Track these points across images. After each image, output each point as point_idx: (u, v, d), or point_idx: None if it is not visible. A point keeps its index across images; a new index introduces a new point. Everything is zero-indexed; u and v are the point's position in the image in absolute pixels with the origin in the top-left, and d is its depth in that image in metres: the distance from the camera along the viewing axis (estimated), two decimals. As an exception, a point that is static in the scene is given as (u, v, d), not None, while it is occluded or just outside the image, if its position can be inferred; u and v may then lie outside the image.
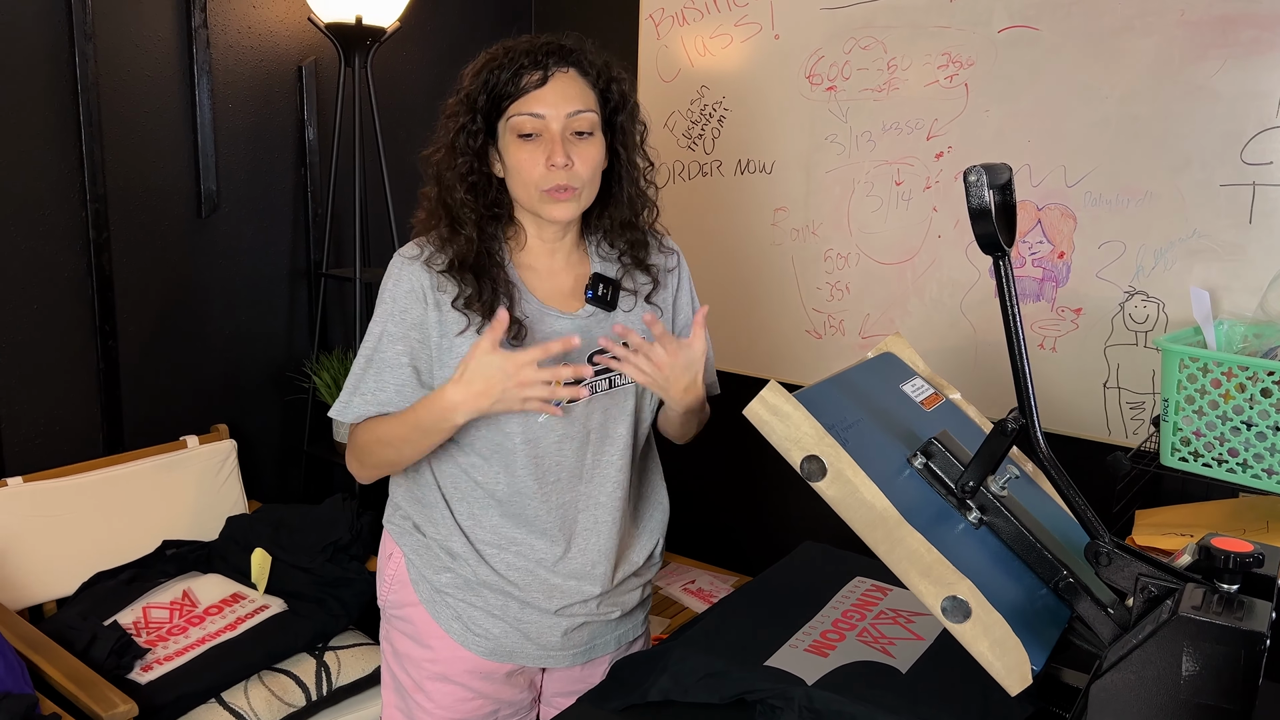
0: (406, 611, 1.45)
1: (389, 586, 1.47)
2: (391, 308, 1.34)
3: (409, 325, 1.33)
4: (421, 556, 1.43)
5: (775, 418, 1.15)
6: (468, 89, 1.34)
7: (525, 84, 1.30)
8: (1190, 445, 1.76)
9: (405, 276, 1.34)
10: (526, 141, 1.31)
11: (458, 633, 1.42)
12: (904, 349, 1.50)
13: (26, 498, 2.13)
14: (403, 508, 1.46)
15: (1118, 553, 1.11)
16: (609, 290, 1.40)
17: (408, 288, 1.33)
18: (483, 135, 1.34)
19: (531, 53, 1.31)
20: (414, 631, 1.44)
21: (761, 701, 1.21)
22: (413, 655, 1.45)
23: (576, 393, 1.32)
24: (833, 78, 2.54)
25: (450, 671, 1.43)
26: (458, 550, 1.40)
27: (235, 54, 2.48)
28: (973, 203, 1.07)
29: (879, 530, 1.11)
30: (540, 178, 1.31)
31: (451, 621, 1.42)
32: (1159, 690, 0.97)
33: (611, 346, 1.32)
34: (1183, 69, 2.06)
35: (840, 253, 2.60)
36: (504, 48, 1.33)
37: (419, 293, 1.33)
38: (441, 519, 1.41)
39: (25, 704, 1.63)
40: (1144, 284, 2.17)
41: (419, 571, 1.43)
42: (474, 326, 1.33)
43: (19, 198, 2.15)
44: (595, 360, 1.38)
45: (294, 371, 2.71)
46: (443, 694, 1.44)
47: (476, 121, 1.33)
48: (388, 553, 1.48)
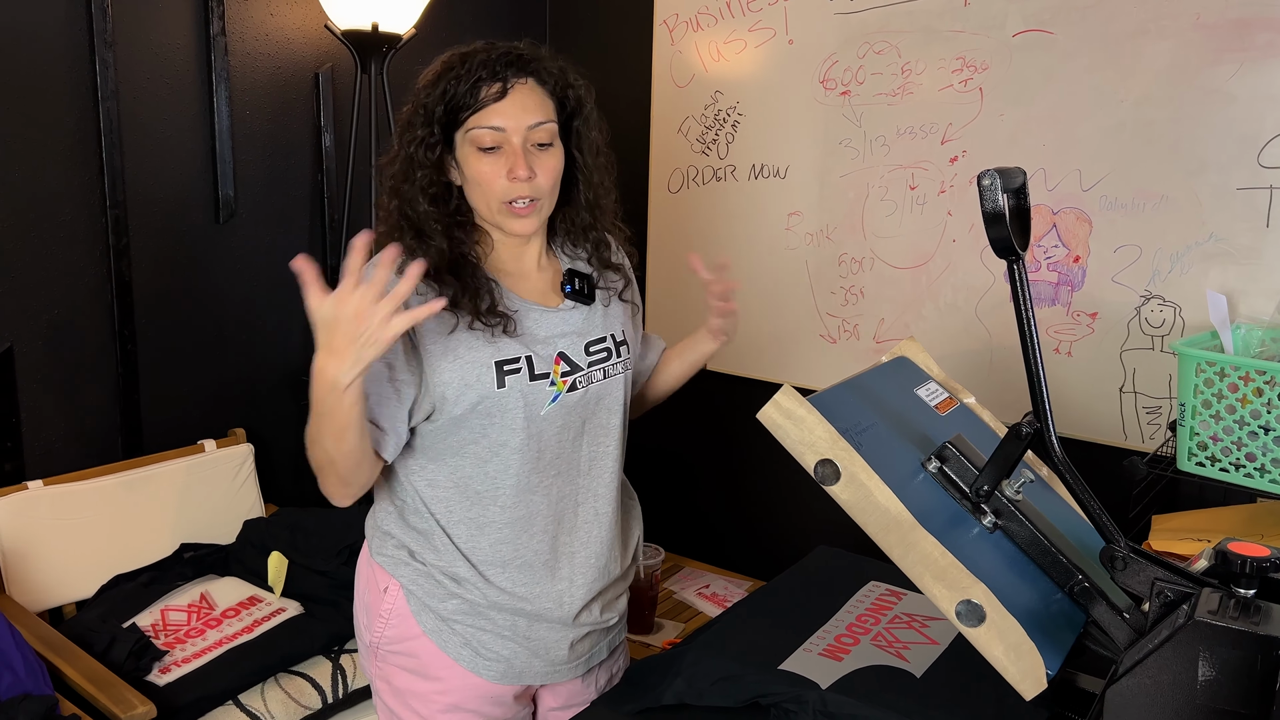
0: (408, 645, 1.38)
1: (385, 622, 1.39)
2: None
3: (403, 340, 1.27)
4: (422, 586, 1.36)
5: (789, 422, 1.15)
6: (424, 101, 1.31)
7: (484, 96, 1.28)
8: (1207, 450, 1.75)
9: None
10: (486, 154, 1.29)
11: (467, 659, 1.37)
12: (918, 353, 1.50)
13: (46, 501, 2.15)
14: (395, 536, 1.38)
15: (1133, 557, 1.10)
16: (584, 284, 1.42)
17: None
18: (440, 146, 1.31)
19: (489, 63, 1.29)
20: (418, 665, 1.38)
21: (776, 705, 1.21)
22: (418, 690, 1.39)
23: (436, 305, 1.17)
24: (847, 82, 2.55)
25: (462, 700, 1.39)
26: (462, 575, 1.35)
27: (253, 61, 2.50)
28: (987, 207, 1.07)
29: (893, 534, 1.11)
30: (502, 190, 1.30)
31: (460, 649, 1.37)
32: (1175, 695, 0.97)
33: (700, 268, 1.49)
34: (1198, 72, 2.06)
35: (854, 257, 2.59)
36: (459, 56, 1.31)
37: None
38: (441, 545, 1.36)
39: (45, 705, 1.64)
40: (1160, 288, 2.16)
41: (421, 602, 1.37)
42: (462, 324, 1.29)
43: (40, 204, 2.17)
44: (591, 350, 1.39)
45: (309, 376, 2.72)
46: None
47: (435, 134, 1.30)
48: (380, 587, 1.39)
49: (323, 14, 2.53)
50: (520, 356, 1.31)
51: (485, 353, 1.30)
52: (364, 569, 1.44)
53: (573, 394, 1.36)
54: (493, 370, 1.29)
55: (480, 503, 1.35)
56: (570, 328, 1.38)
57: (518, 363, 1.31)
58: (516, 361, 1.31)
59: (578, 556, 1.41)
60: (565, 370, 1.35)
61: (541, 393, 1.33)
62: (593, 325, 1.41)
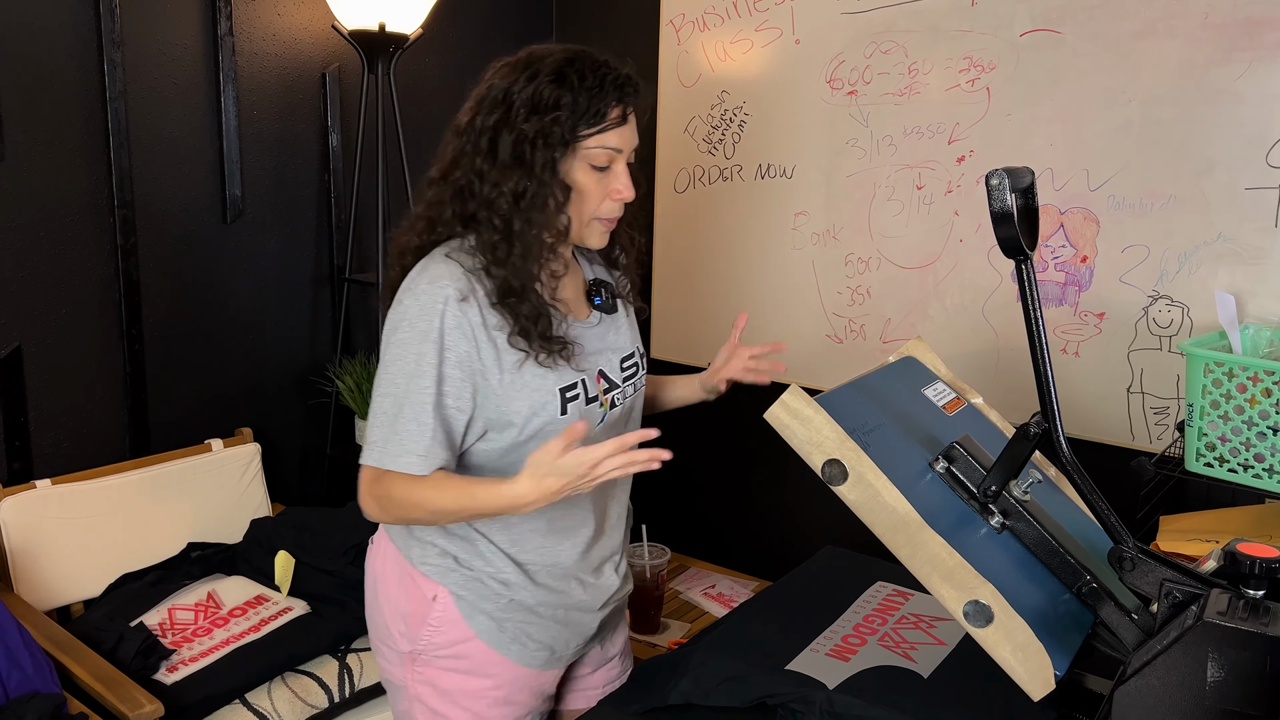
0: (459, 649, 1.39)
1: (434, 629, 1.39)
2: (432, 345, 1.24)
3: (452, 364, 1.26)
4: (473, 590, 1.37)
5: (796, 421, 1.15)
6: (542, 97, 1.25)
7: (611, 117, 1.28)
8: (1215, 450, 1.74)
9: (450, 313, 1.24)
10: (596, 171, 1.30)
11: (516, 654, 1.40)
12: (925, 353, 1.50)
13: (54, 500, 2.16)
14: (438, 545, 1.38)
15: (1142, 558, 1.10)
16: (609, 294, 1.45)
17: (454, 324, 1.25)
18: (555, 160, 1.27)
19: (618, 84, 1.28)
20: (470, 666, 1.40)
21: (783, 705, 1.21)
22: (469, 689, 1.41)
23: (658, 455, 1.19)
24: (853, 82, 2.54)
25: (512, 693, 1.42)
26: (510, 579, 1.38)
27: (260, 61, 2.51)
28: (995, 206, 1.07)
29: (901, 534, 1.11)
30: (605, 208, 1.33)
31: (510, 645, 1.40)
32: (1184, 696, 0.97)
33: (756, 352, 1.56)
34: (1207, 72, 2.05)
35: (861, 257, 2.59)
36: (589, 68, 1.27)
37: (468, 330, 1.26)
38: (487, 550, 1.37)
39: (53, 703, 1.65)
40: (1168, 288, 2.16)
41: (472, 606, 1.38)
42: (532, 357, 1.29)
43: (48, 204, 2.18)
44: (624, 367, 1.43)
45: (317, 376, 2.73)
46: (504, 715, 1.43)
47: (551, 136, 1.25)
48: (428, 595, 1.38)
49: (330, 14, 2.54)
50: (578, 382, 1.35)
51: (550, 380, 1.31)
52: (393, 577, 1.42)
53: (614, 411, 1.41)
54: (558, 398, 1.32)
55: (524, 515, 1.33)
56: (605, 344, 1.41)
57: (576, 388, 1.34)
58: (575, 387, 1.34)
59: (606, 551, 1.47)
60: (606, 389, 1.39)
61: (594, 414, 1.37)
62: (623, 340, 1.45)
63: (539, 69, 1.27)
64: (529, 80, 1.26)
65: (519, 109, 1.26)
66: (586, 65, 1.28)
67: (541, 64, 1.28)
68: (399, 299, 1.28)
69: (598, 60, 1.29)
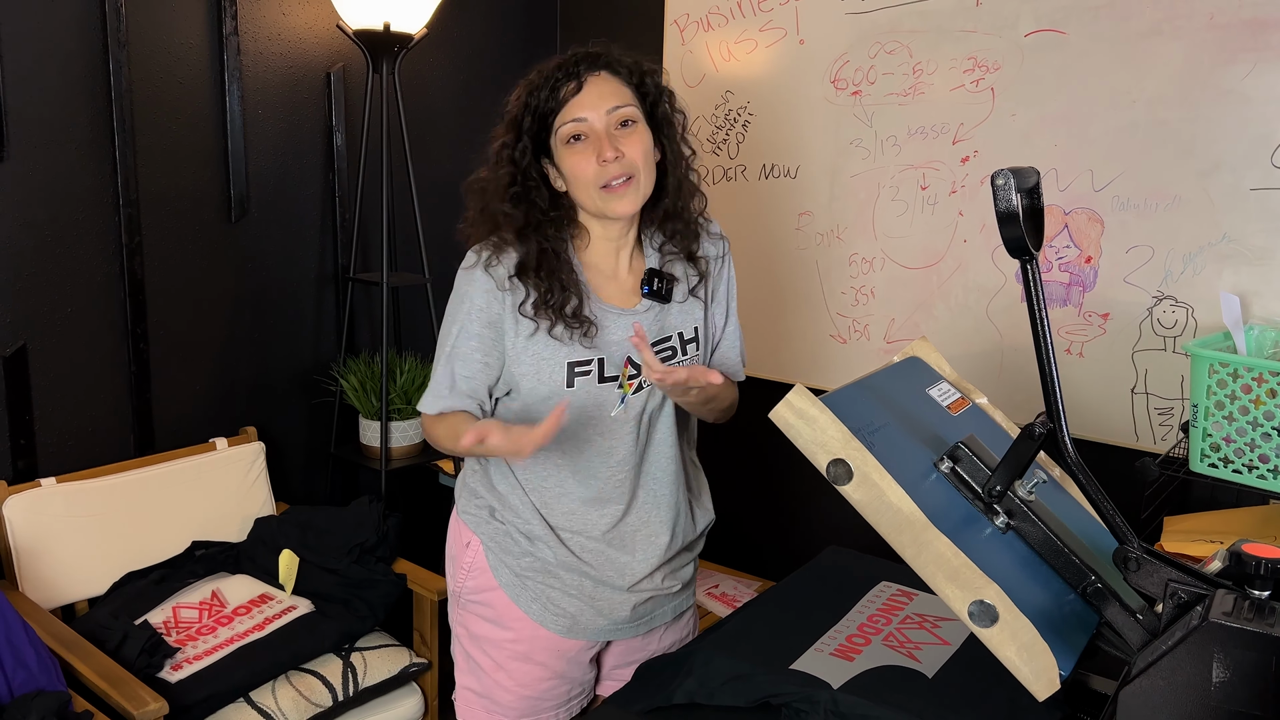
0: (486, 596, 1.51)
1: (466, 574, 1.53)
2: (469, 306, 1.41)
3: (484, 324, 1.41)
4: (500, 543, 1.49)
5: (801, 421, 1.15)
6: (511, 113, 1.43)
7: (564, 95, 1.38)
8: (1220, 451, 1.74)
9: (479, 279, 1.41)
10: (575, 145, 1.38)
11: (537, 613, 1.49)
12: (930, 353, 1.50)
13: (59, 498, 2.17)
14: (481, 495, 1.52)
15: (1147, 558, 1.10)
16: (664, 284, 1.47)
17: (484, 287, 1.41)
18: (529, 152, 1.41)
19: (563, 65, 1.40)
20: (494, 615, 1.51)
21: (787, 705, 1.21)
22: (493, 638, 1.52)
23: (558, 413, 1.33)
24: (858, 82, 2.54)
25: (531, 651, 1.50)
26: (537, 534, 1.47)
27: (265, 61, 2.51)
28: (1000, 207, 1.07)
29: (906, 534, 1.10)
30: (595, 175, 1.38)
31: (530, 603, 1.49)
32: (1189, 697, 0.96)
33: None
34: (1212, 72, 2.05)
35: (865, 257, 2.59)
36: (536, 70, 1.42)
37: (495, 295, 1.41)
38: (521, 504, 1.48)
39: (58, 701, 1.65)
40: (1173, 289, 2.16)
41: (498, 557, 1.50)
42: (542, 329, 1.40)
43: (53, 203, 2.18)
44: (659, 352, 1.48)
45: (321, 375, 2.73)
46: (524, 673, 1.51)
47: (522, 139, 1.41)
48: (464, 540, 1.53)
49: (334, 13, 2.54)
50: (592, 359, 1.41)
51: (561, 352, 1.40)
52: (453, 525, 1.58)
53: (638, 395, 1.46)
54: (564, 370, 1.41)
55: (558, 475, 1.47)
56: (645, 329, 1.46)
57: (589, 365, 1.41)
58: (588, 364, 1.41)
59: (638, 535, 1.51)
60: (632, 374, 1.44)
61: (609, 394, 1.43)
62: (662, 326, 1.48)
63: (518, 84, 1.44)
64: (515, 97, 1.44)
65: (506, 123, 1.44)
66: (537, 69, 1.42)
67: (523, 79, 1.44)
68: None
69: (549, 60, 1.42)
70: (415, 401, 2.63)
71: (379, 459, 2.61)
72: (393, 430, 2.62)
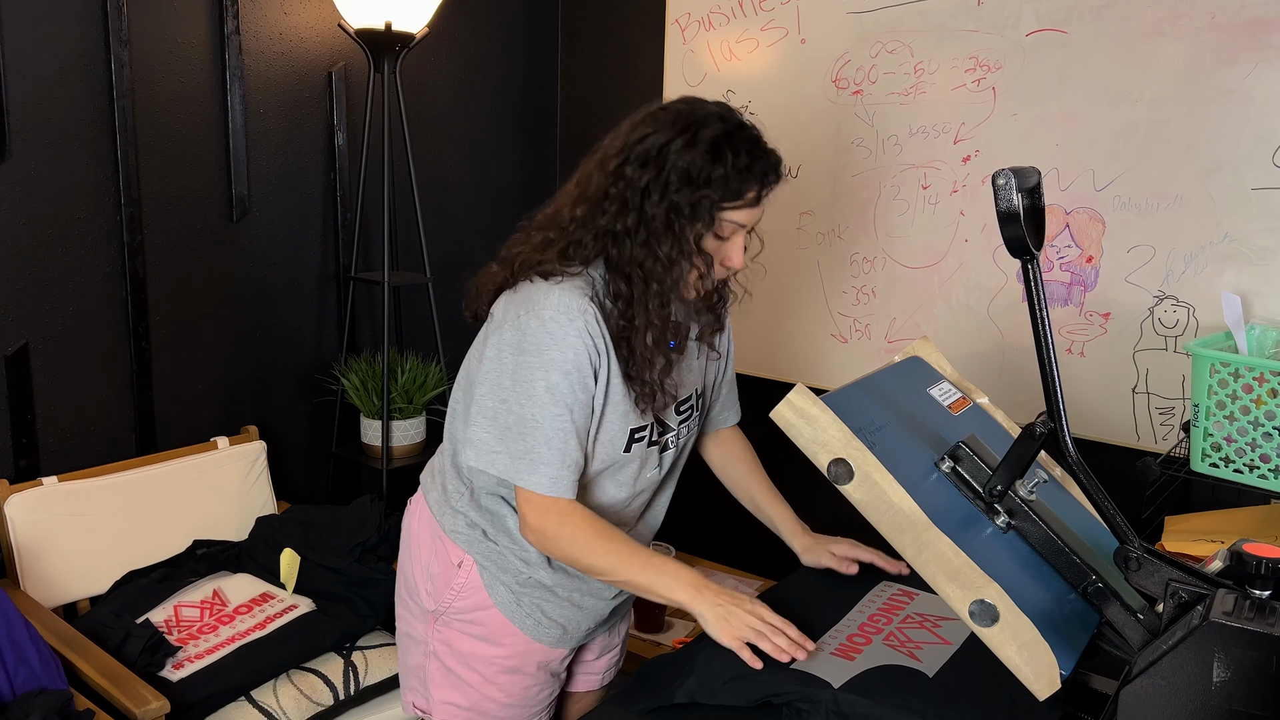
0: (478, 615, 1.47)
1: (457, 594, 1.47)
2: (562, 375, 1.30)
3: (582, 389, 1.32)
4: (495, 563, 1.45)
5: (802, 421, 1.15)
6: (700, 175, 1.27)
7: (748, 195, 1.31)
8: (1221, 451, 1.74)
9: (584, 343, 1.30)
10: (717, 239, 1.33)
11: (530, 629, 1.47)
12: (931, 353, 1.50)
13: (61, 497, 2.17)
14: (467, 515, 1.46)
15: (1147, 558, 1.10)
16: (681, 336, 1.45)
17: (585, 351, 1.30)
18: (659, 208, 1.30)
19: (763, 173, 1.31)
20: (485, 633, 1.47)
21: (788, 704, 1.21)
22: (481, 654, 1.48)
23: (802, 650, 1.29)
24: (859, 82, 2.54)
25: (521, 664, 1.49)
26: (532, 558, 1.44)
27: (267, 60, 2.51)
28: (1001, 206, 1.07)
29: (906, 534, 1.11)
30: (714, 272, 1.37)
31: (525, 619, 1.47)
32: (1189, 697, 0.97)
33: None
34: (1214, 72, 2.05)
35: (866, 257, 2.59)
36: (744, 145, 1.29)
37: (594, 358, 1.32)
38: (514, 527, 1.43)
39: (60, 700, 1.65)
40: (1174, 288, 2.16)
41: (494, 577, 1.45)
42: (629, 397, 1.37)
43: (55, 202, 2.18)
44: (680, 410, 1.48)
45: (323, 374, 2.74)
46: (513, 684, 1.50)
47: (666, 198, 1.28)
48: (454, 561, 1.46)
49: (336, 13, 2.54)
50: (647, 425, 1.40)
51: (630, 419, 1.38)
52: (426, 539, 1.50)
53: (666, 453, 1.48)
54: (626, 436, 1.39)
55: None
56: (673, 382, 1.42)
57: (645, 430, 1.41)
58: (645, 430, 1.41)
59: None
60: (660, 431, 1.45)
61: (653, 457, 1.45)
62: (686, 379, 1.48)
63: (697, 135, 1.28)
64: (686, 146, 1.27)
65: (672, 175, 1.27)
66: (741, 142, 1.29)
67: (700, 129, 1.28)
68: (519, 315, 1.31)
69: (752, 137, 1.31)
70: (416, 400, 2.64)
71: (380, 458, 2.61)
72: (394, 429, 2.62)
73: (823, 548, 1.58)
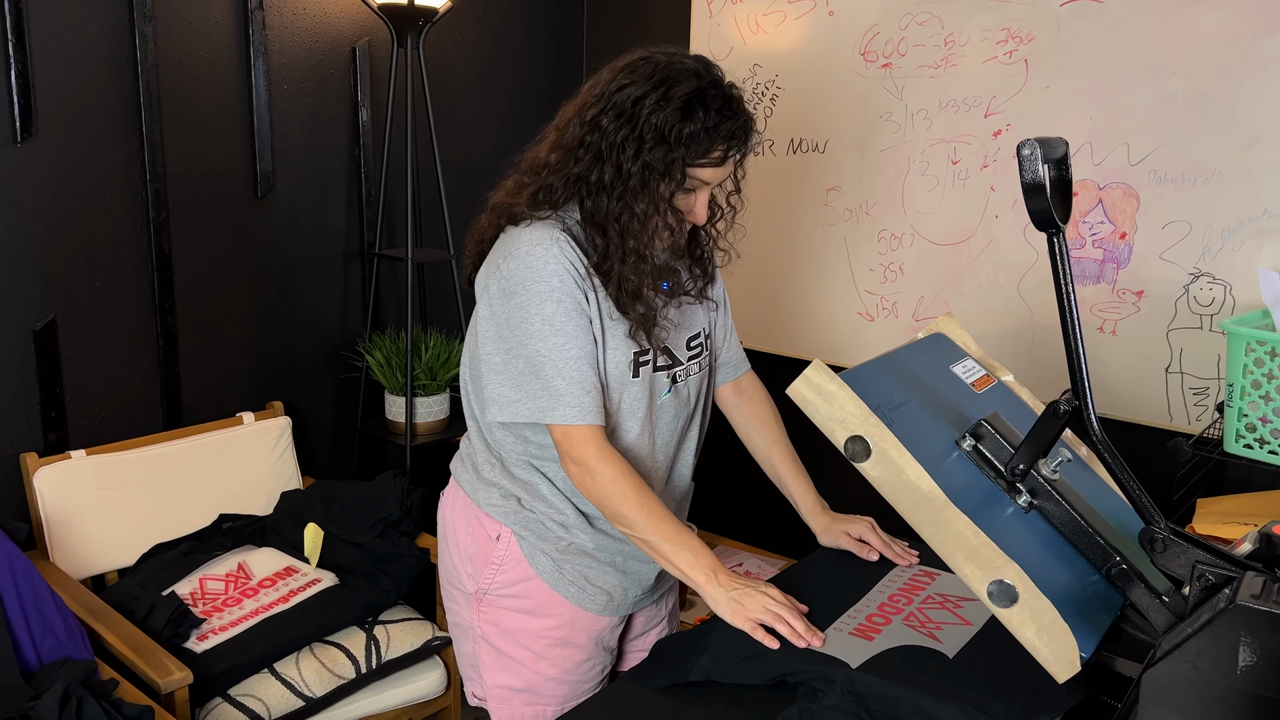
0: (521, 588, 1.46)
1: (498, 568, 1.46)
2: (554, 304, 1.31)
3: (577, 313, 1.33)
4: (534, 531, 1.44)
5: (819, 397, 1.13)
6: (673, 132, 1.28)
7: (714, 154, 1.31)
8: (1256, 432, 1.70)
9: (563, 269, 1.32)
10: (683, 193, 1.35)
11: (575, 596, 1.46)
12: (955, 330, 1.47)
13: (89, 470, 2.19)
14: (501, 486, 1.46)
15: (1173, 539, 1.07)
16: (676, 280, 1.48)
17: (569, 275, 1.32)
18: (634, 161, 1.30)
19: (731, 135, 1.30)
20: (531, 606, 1.46)
21: (803, 683, 1.20)
22: (530, 628, 1.47)
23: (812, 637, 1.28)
24: (888, 54, 2.49)
25: (571, 634, 1.48)
26: (570, 521, 1.44)
27: (290, 36, 2.51)
28: (1026, 178, 1.04)
29: (924, 512, 1.08)
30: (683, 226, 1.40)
31: (569, 587, 1.45)
32: (1214, 681, 0.94)
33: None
34: (1254, 42, 1.99)
35: (894, 233, 2.55)
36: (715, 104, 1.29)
37: (578, 279, 1.33)
38: (549, 493, 1.44)
39: (85, 669, 1.67)
40: (1210, 265, 2.10)
41: (534, 546, 1.44)
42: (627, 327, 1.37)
43: (81, 179, 2.20)
44: (690, 345, 1.48)
45: (348, 350, 2.74)
46: (565, 657, 1.48)
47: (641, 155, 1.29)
48: (492, 535, 1.46)
49: (359, -13, 2.53)
50: (650, 350, 1.40)
51: (629, 342, 1.38)
52: (461, 522, 1.50)
53: (678, 385, 1.46)
54: (631, 359, 1.38)
55: None
56: (672, 321, 1.45)
57: (648, 354, 1.40)
58: (648, 353, 1.40)
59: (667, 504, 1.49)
60: (669, 363, 1.44)
61: (660, 383, 1.44)
62: (691, 320, 1.49)
63: (671, 90, 1.28)
64: (660, 101, 1.28)
65: (646, 132, 1.28)
66: (713, 100, 1.29)
67: (674, 85, 1.28)
68: (499, 263, 1.34)
69: (726, 96, 1.31)
70: (440, 377, 2.64)
71: (404, 434, 2.62)
72: (418, 406, 2.63)
73: (840, 528, 1.56)
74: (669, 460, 1.51)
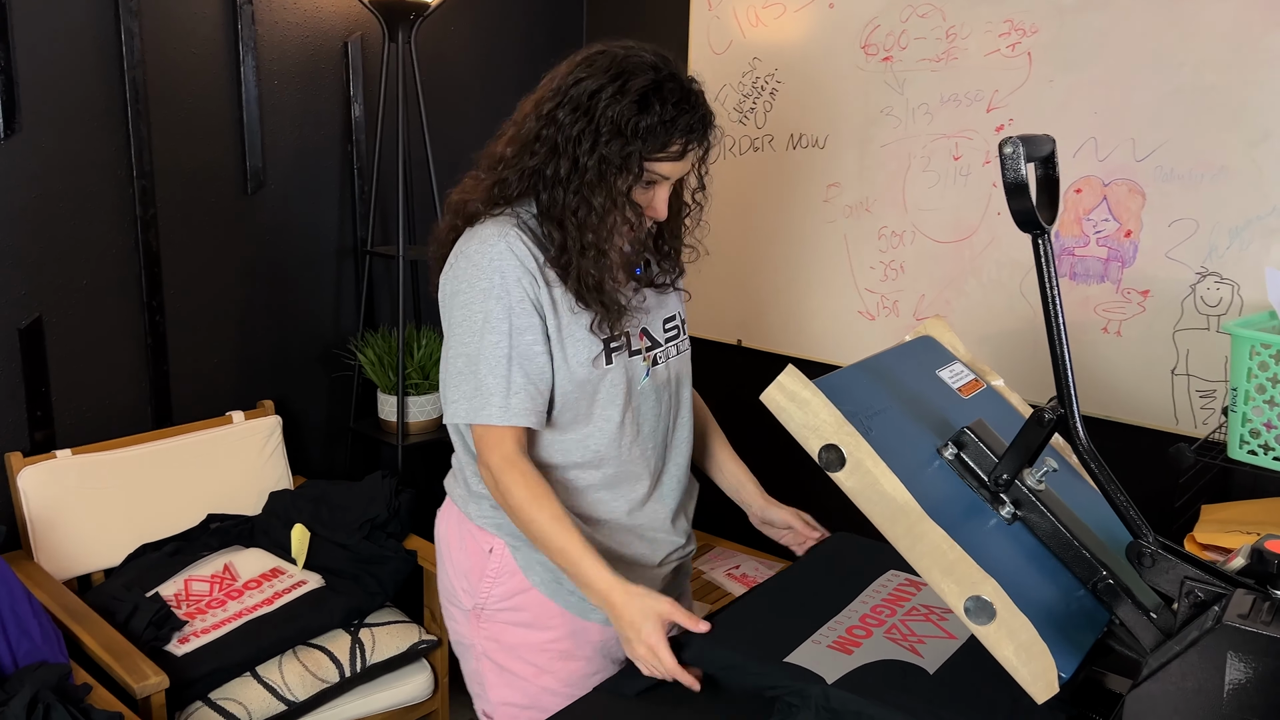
0: (518, 600, 1.42)
1: (493, 581, 1.43)
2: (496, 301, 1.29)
3: (523, 312, 1.30)
4: (526, 542, 1.40)
5: (793, 404, 1.09)
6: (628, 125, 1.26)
7: (671, 148, 1.28)
8: (1260, 437, 1.64)
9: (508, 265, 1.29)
10: (642, 188, 1.32)
11: (576, 605, 1.42)
12: (944, 332, 1.42)
13: (74, 470, 2.17)
14: (491, 497, 1.42)
15: (1162, 554, 1.02)
16: (646, 267, 1.46)
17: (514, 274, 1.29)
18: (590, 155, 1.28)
19: (689, 129, 1.28)
20: (529, 619, 1.43)
21: (779, 698, 1.16)
22: (531, 642, 1.43)
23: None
24: (889, 48, 2.44)
25: (574, 647, 1.44)
26: None
27: (280, 30, 2.47)
28: (1008, 177, 1.00)
29: (900, 524, 1.04)
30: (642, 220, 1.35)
31: (569, 597, 1.41)
32: (1200, 703, 0.90)
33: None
34: (1263, 35, 1.92)
35: (895, 230, 2.50)
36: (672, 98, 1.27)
37: (527, 278, 1.30)
38: None
39: (57, 674, 1.65)
40: (1217, 264, 2.04)
41: (528, 557, 1.41)
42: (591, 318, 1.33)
43: (67, 176, 2.17)
44: (666, 328, 1.45)
45: (340, 349, 2.71)
46: (570, 671, 1.45)
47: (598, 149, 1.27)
48: (484, 548, 1.43)
49: (351, -19, 2.50)
50: (622, 334, 1.37)
51: (596, 334, 1.35)
52: (455, 537, 1.48)
53: (658, 368, 1.43)
54: (600, 347, 1.35)
55: (577, 468, 1.40)
56: (645, 304, 1.43)
57: (619, 339, 1.37)
58: (619, 338, 1.37)
59: (664, 507, 1.49)
60: (649, 345, 1.42)
61: (637, 368, 1.40)
62: (664, 303, 1.47)
63: (627, 83, 1.26)
64: (616, 94, 1.26)
65: (603, 125, 1.26)
66: (670, 94, 1.27)
67: (631, 79, 1.26)
68: (452, 263, 1.34)
69: (684, 89, 1.29)
70: (433, 376, 2.61)
71: (396, 434, 2.59)
72: (410, 405, 2.59)
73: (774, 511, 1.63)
74: (659, 451, 1.47)
